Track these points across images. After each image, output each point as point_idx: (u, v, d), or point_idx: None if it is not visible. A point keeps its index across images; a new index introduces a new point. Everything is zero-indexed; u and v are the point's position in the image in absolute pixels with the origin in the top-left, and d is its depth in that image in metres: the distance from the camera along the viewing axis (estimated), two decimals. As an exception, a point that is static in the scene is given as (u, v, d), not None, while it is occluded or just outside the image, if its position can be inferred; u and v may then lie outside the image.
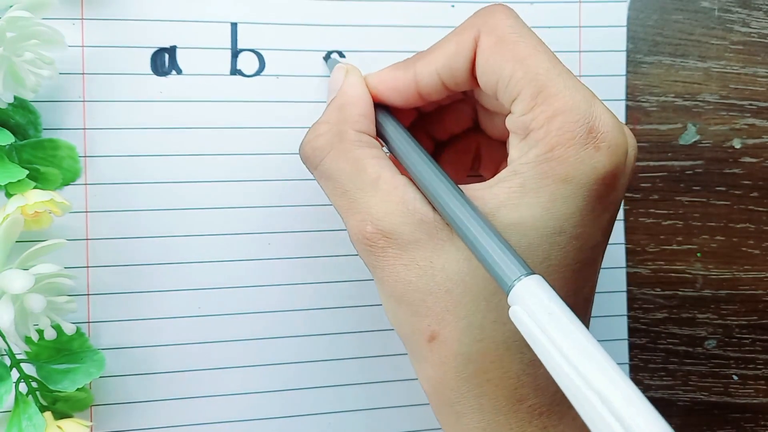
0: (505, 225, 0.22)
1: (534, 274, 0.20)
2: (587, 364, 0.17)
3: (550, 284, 0.20)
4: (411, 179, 0.24)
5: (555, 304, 0.19)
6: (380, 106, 0.26)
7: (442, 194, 0.23)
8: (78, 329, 0.28)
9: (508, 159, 0.24)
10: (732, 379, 0.35)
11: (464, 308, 0.23)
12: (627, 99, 0.34)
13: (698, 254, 0.35)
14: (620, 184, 0.23)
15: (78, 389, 0.28)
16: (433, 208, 0.23)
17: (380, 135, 0.26)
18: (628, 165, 0.23)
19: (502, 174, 0.23)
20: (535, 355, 0.23)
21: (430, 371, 0.24)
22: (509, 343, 0.23)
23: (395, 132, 0.26)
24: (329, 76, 0.30)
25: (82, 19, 0.29)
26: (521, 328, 0.19)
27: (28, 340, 0.27)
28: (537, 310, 0.19)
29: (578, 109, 0.22)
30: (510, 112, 0.24)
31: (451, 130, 0.29)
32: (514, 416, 0.24)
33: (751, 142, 0.35)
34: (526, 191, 0.22)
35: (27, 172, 0.27)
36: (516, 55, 0.23)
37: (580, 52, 0.33)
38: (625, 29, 0.33)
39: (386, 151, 0.26)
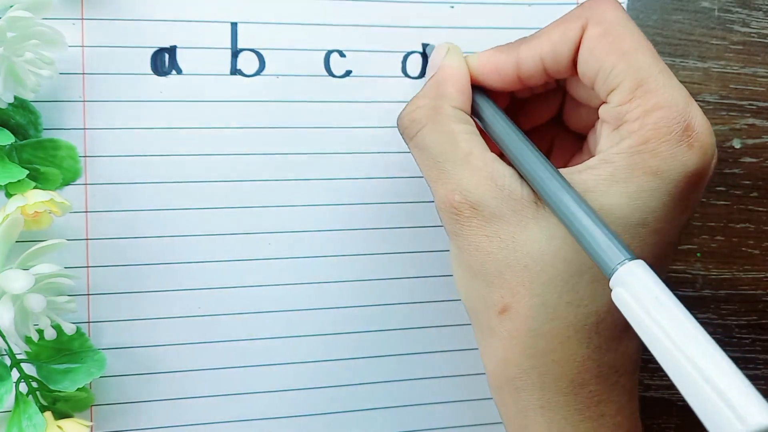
0: None
1: (637, 258, 0.20)
2: (694, 347, 0.18)
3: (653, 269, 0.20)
4: (501, 157, 0.25)
5: (660, 289, 0.19)
6: (477, 88, 0.27)
7: (543, 174, 0.23)
8: (78, 329, 0.28)
9: (597, 148, 0.25)
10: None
11: (540, 286, 0.23)
12: (627, 99, 0.34)
13: (698, 254, 0.35)
14: (702, 185, 0.24)
15: (78, 389, 0.28)
16: (521, 185, 0.24)
17: (476, 114, 0.27)
18: (711, 168, 0.24)
19: (591, 162, 0.24)
20: (601, 342, 0.24)
21: (497, 344, 0.25)
22: (579, 327, 0.24)
23: (492, 112, 0.27)
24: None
25: (82, 19, 0.29)
26: (625, 310, 0.20)
27: (28, 340, 0.27)
28: (643, 294, 0.19)
29: (676, 106, 0.23)
30: (605, 102, 0.24)
31: (535, 120, 0.30)
32: (574, 399, 0.24)
33: (751, 142, 0.35)
34: (615, 180, 0.23)
35: (27, 172, 0.27)
36: (621, 48, 0.24)
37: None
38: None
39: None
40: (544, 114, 0.30)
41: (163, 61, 0.30)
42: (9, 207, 0.26)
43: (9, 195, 0.27)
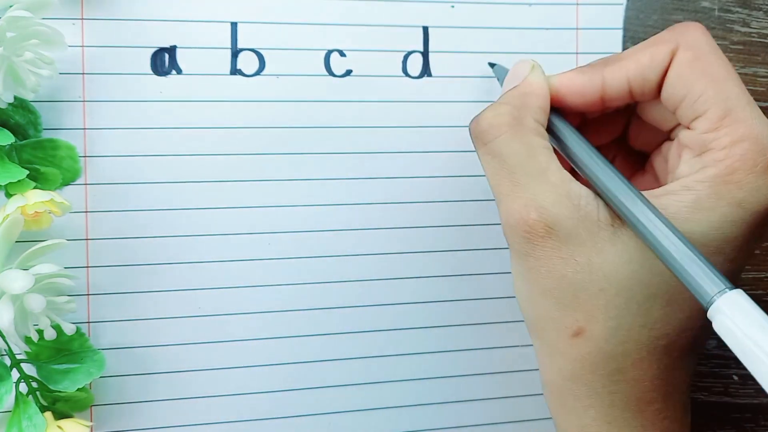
0: None
1: (736, 288, 0.20)
2: None
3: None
4: (581, 176, 0.25)
5: (764, 318, 0.20)
6: (552, 108, 0.27)
7: (629, 198, 0.23)
8: (78, 329, 0.28)
9: (676, 173, 0.25)
10: (732, 379, 0.35)
11: (616, 309, 0.23)
12: (627, 99, 0.34)
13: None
14: None
15: (78, 389, 0.28)
16: (598, 206, 0.24)
17: (551, 134, 0.26)
18: None
19: (671, 187, 0.24)
20: (670, 362, 0.24)
21: (566, 365, 0.25)
22: (651, 348, 0.24)
23: (570, 132, 0.26)
24: (496, 78, 0.31)
25: (82, 19, 0.29)
26: (730, 339, 0.20)
27: (28, 340, 0.27)
28: (747, 323, 0.20)
29: (763, 138, 0.23)
30: (687, 128, 0.24)
31: (602, 139, 0.30)
32: (641, 416, 0.24)
33: (750, 142, 0.35)
34: (699, 208, 0.23)
35: (27, 172, 0.27)
36: (711, 75, 0.24)
37: (577, 53, 0.33)
38: (621, 31, 0.33)
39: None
40: (611, 133, 0.30)
41: (163, 61, 0.30)
42: (9, 207, 0.26)
43: (9, 195, 0.27)
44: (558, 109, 0.27)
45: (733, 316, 0.20)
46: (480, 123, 0.26)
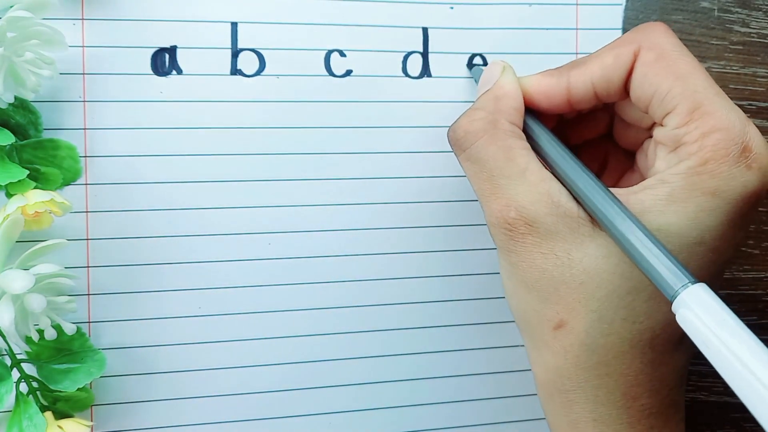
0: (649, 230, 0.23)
1: (699, 282, 0.21)
2: (760, 366, 0.19)
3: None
4: (555, 175, 0.25)
5: (725, 312, 0.20)
6: (526, 109, 0.27)
7: (598, 196, 0.24)
8: (78, 329, 0.28)
9: (653, 169, 0.25)
10: (732, 378, 0.35)
11: (596, 302, 0.24)
12: (627, 99, 0.34)
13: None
14: (759, 204, 0.24)
15: (79, 389, 0.28)
16: (578, 204, 0.24)
17: (526, 135, 0.27)
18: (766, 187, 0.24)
19: (648, 182, 0.24)
20: (655, 356, 0.24)
21: (550, 358, 0.25)
22: (634, 342, 0.24)
23: (543, 133, 0.27)
24: (474, 79, 0.32)
25: (83, 19, 0.29)
26: (692, 331, 0.20)
27: (28, 340, 0.27)
28: (709, 316, 0.20)
29: (734, 128, 0.23)
30: (660, 125, 0.25)
31: (585, 135, 0.30)
32: (626, 412, 0.25)
33: (750, 142, 0.35)
34: (673, 200, 0.23)
35: (27, 172, 0.27)
36: (676, 72, 0.24)
37: (576, 54, 0.33)
38: (621, 32, 0.33)
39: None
40: (593, 131, 0.30)
41: (163, 61, 0.30)
42: (9, 207, 0.26)
43: (9, 195, 0.27)
44: (532, 110, 0.27)
45: (694, 309, 0.20)
46: (456, 130, 0.26)
